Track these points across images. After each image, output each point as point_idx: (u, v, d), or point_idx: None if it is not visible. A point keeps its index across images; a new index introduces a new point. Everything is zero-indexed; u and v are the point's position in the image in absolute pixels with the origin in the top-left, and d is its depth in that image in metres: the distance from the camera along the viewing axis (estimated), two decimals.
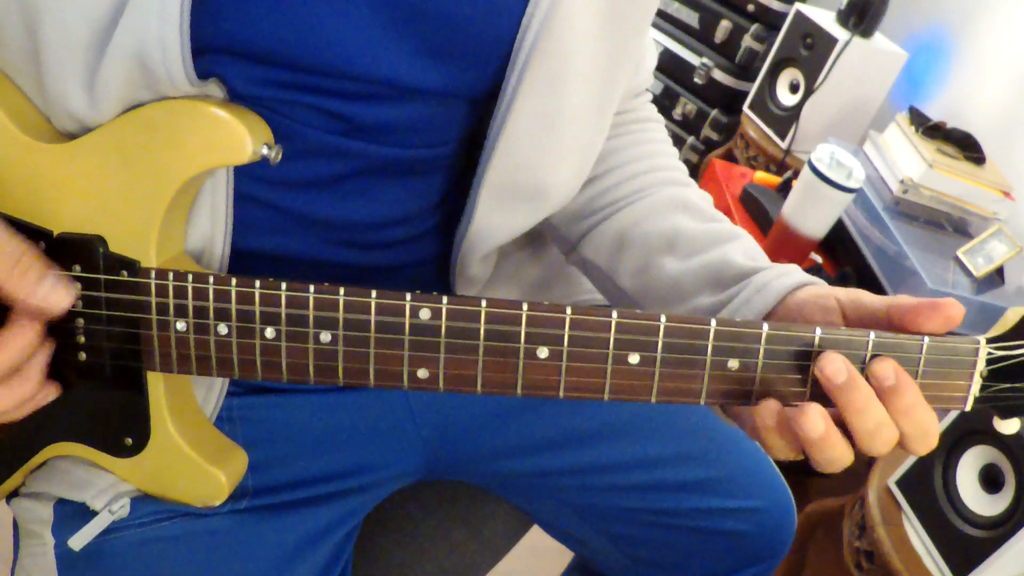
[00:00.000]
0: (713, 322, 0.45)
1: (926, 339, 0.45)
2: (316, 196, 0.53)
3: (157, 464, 0.51)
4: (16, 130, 0.45)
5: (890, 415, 0.44)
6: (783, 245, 1.28)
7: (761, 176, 1.51)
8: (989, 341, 0.45)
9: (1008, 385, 0.45)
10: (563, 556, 0.87)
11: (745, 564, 0.70)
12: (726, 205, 1.48)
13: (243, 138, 0.44)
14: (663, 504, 0.68)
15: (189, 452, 0.51)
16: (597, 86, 0.56)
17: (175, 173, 0.45)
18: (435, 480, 0.71)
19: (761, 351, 0.45)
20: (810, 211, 1.23)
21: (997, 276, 1.25)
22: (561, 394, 0.46)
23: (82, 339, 0.48)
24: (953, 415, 0.98)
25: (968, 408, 0.47)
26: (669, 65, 2.22)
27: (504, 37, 0.49)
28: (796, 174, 1.33)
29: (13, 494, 0.56)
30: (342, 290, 0.45)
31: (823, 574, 1.22)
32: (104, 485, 0.52)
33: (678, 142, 2.22)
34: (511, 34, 0.49)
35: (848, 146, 1.46)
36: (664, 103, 2.25)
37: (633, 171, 0.65)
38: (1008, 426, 0.47)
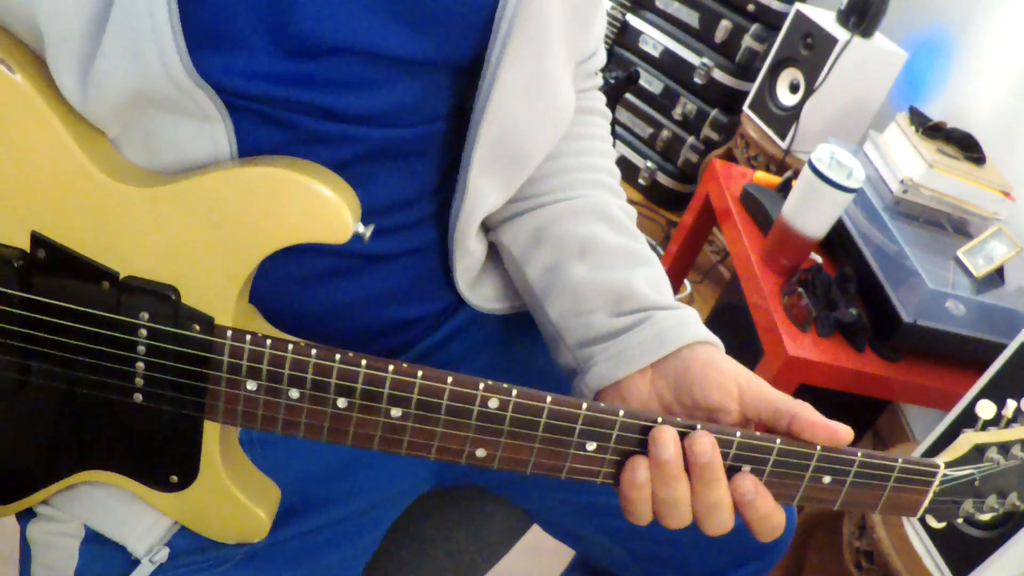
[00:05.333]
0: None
1: (900, 460, 0.52)
2: None
3: (200, 502, 0.51)
4: (92, 167, 0.43)
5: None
6: (783, 245, 1.28)
7: (761, 176, 1.51)
8: (947, 465, 0.54)
9: (950, 499, 0.55)
10: (563, 556, 0.87)
11: (744, 560, 0.70)
12: (726, 205, 1.48)
13: (346, 221, 0.44)
14: None
15: (236, 493, 0.50)
16: (568, 45, 0.56)
17: (268, 241, 0.44)
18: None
19: None
20: (810, 211, 1.23)
21: (997, 276, 1.25)
22: (599, 481, 0.51)
23: (140, 382, 0.46)
24: (954, 413, 0.99)
25: (917, 516, 0.59)
26: (669, 65, 2.22)
27: (486, 4, 0.49)
28: (796, 174, 1.33)
29: (29, 512, 0.54)
30: (420, 372, 0.46)
31: (823, 574, 1.22)
32: (143, 528, 0.51)
33: (678, 142, 2.23)
34: (492, 1, 0.49)
35: (848, 146, 1.46)
36: (664, 103, 2.25)
37: (565, 166, 0.64)
38: (935, 523, 0.60)
